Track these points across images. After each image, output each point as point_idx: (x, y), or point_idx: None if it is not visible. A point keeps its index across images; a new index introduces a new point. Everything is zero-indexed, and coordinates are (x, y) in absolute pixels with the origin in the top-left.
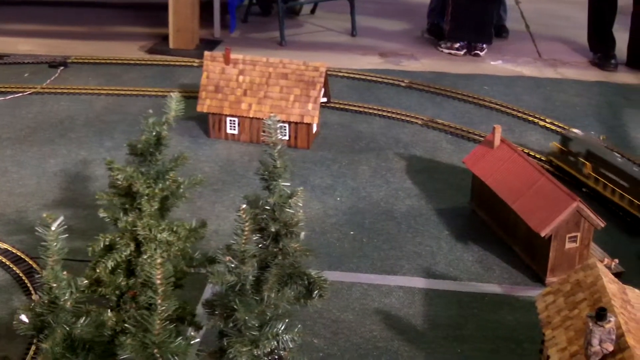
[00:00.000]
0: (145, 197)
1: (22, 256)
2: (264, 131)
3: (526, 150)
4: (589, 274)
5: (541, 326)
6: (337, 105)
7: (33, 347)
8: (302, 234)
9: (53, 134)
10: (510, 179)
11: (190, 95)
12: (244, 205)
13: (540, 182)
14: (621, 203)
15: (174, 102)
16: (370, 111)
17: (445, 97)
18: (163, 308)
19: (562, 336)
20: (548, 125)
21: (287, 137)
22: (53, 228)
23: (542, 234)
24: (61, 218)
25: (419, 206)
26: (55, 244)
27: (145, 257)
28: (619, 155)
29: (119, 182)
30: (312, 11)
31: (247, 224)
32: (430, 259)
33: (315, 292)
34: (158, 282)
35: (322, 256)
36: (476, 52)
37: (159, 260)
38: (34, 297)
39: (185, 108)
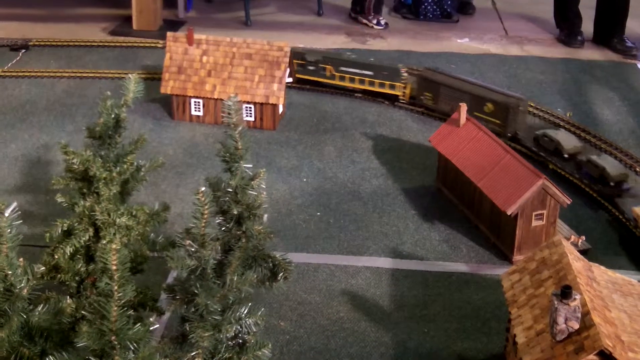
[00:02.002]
0: (103, 181)
1: None
2: (223, 111)
3: None
4: (554, 252)
5: (507, 305)
6: (302, 85)
7: None
8: (265, 217)
9: (14, 118)
10: (475, 158)
11: (154, 77)
12: (203, 188)
13: (505, 160)
14: (368, 87)
15: (132, 84)
16: (336, 91)
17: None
18: (120, 294)
19: (527, 315)
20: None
21: (252, 118)
22: (6, 214)
23: (508, 212)
24: (15, 204)
25: (385, 186)
26: (8, 230)
27: (104, 242)
28: (350, 53)
29: (75, 167)
30: None
31: (206, 206)
32: (396, 239)
33: (280, 274)
34: (114, 267)
35: (288, 238)
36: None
37: (113, 246)
38: None
39: (148, 90)
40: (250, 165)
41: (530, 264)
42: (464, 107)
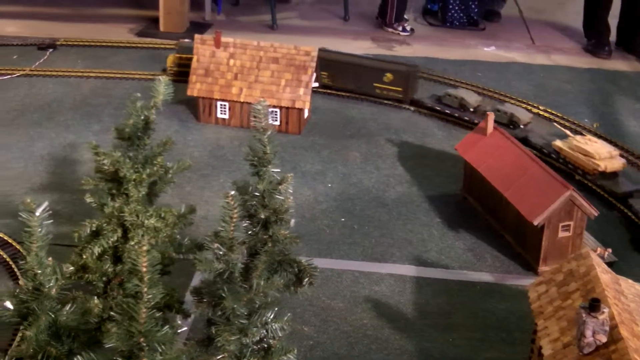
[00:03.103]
0: (133, 183)
1: (9, 240)
2: (253, 116)
3: None
4: (581, 264)
5: (533, 316)
6: (328, 91)
7: (20, 334)
8: (293, 221)
9: (40, 117)
10: (502, 167)
11: (180, 79)
12: (232, 192)
13: (533, 170)
14: None
15: (162, 86)
16: (361, 97)
17: (436, 82)
18: (149, 296)
19: (554, 326)
20: (541, 112)
21: (277, 123)
22: (37, 213)
23: (535, 223)
24: (46, 203)
25: (409, 193)
26: (39, 229)
27: (132, 243)
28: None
29: (105, 167)
30: None
31: (235, 210)
32: (421, 246)
33: (305, 279)
34: (144, 269)
35: (312, 243)
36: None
37: (144, 248)
38: (21, 282)
39: (174, 92)
40: (279, 170)
41: (557, 276)
42: (491, 117)
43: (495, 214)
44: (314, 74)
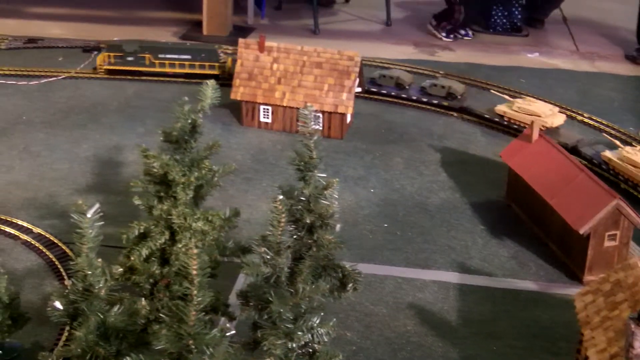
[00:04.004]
0: (181, 186)
1: (55, 241)
2: (299, 121)
3: None
4: (629, 274)
5: (579, 326)
6: (370, 95)
7: (65, 333)
8: (338, 226)
9: (85, 118)
10: (547, 174)
11: (223, 83)
12: (281, 197)
13: (579, 179)
14: (188, 71)
15: (210, 90)
16: (403, 102)
17: (479, 88)
18: (199, 299)
19: (601, 337)
20: (586, 120)
21: (320, 127)
22: (89, 215)
23: (581, 232)
24: (97, 205)
25: (453, 199)
26: (90, 231)
27: (179, 246)
28: (164, 41)
29: (155, 170)
30: (347, 0)
31: (282, 215)
32: (464, 253)
33: (349, 285)
34: (194, 272)
35: (355, 248)
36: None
37: (195, 251)
38: (66, 282)
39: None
40: (324, 175)
41: (604, 286)
42: (537, 124)
43: (539, 221)
44: (357, 79)
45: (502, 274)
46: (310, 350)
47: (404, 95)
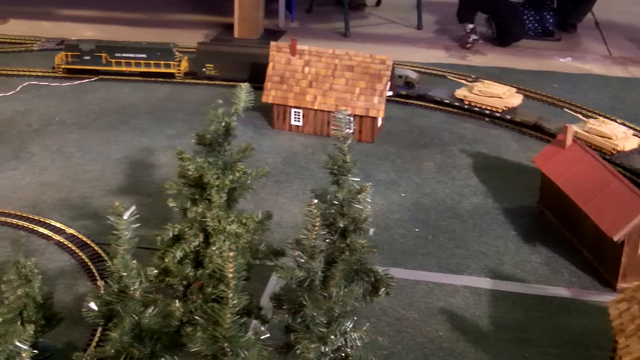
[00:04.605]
0: (215, 188)
1: (87, 242)
2: (334, 124)
3: None
4: None
5: (613, 333)
6: (400, 99)
7: (98, 334)
8: (372, 231)
9: (116, 120)
10: (581, 180)
11: (254, 86)
12: (315, 201)
13: (614, 185)
14: (144, 69)
15: (244, 93)
16: (434, 106)
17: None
18: (234, 302)
19: (636, 345)
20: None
21: (351, 131)
22: (125, 217)
23: (615, 238)
24: (133, 207)
25: (485, 204)
26: (126, 233)
27: (213, 248)
28: (121, 40)
29: (190, 173)
30: (378, 3)
31: (317, 219)
32: (496, 259)
33: (382, 289)
34: (230, 275)
35: (386, 252)
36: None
37: (231, 254)
38: (99, 283)
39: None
40: (358, 179)
41: (639, 293)
42: (570, 130)
43: (572, 228)
44: (389, 83)
45: (534, 280)
46: (343, 354)
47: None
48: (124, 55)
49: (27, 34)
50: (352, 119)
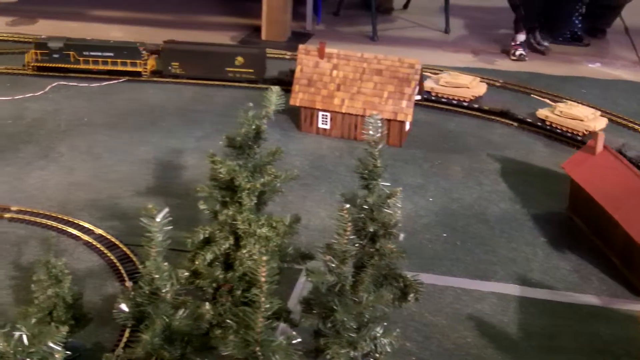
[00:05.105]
0: (246, 192)
1: (116, 242)
2: (364, 128)
3: None
4: None
5: None
6: (427, 103)
7: (126, 334)
8: (402, 236)
9: (144, 121)
10: (612, 187)
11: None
12: (347, 205)
13: None
14: (111, 68)
15: (275, 96)
16: (461, 110)
17: (540, 98)
18: (267, 306)
19: None
20: None
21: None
22: (158, 219)
23: None
24: (166, 210)
25: (513, 210)
26: (159, 235)
27: (244, 251)
28: (91, 39)
29: (222, 176)
30: (405, 6)
31: (349, 223)
32: (525, 265)
33: (411, 295)
34: (263, 279)
35: (414, 257)
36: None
37: (264, 258)
38: (127, 284)
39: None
40: (388, 184)
41: None
42: (601, 136)
43: (602, 235)
44: (417, 87)
45: (563, 288)
46: (372, 359)
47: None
48: (92, 53)
49: (53, 35)
50: (382, 123)
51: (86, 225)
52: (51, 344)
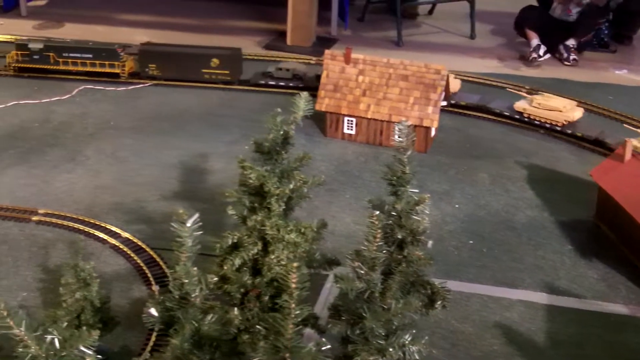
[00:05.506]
0: (275, 197)
1: (143, 246)
2: (394, 134)
3: None
4: None
5: None
6: (453, 109)
7: (152, 338)
8: (430, 243)
9: (170, 125)
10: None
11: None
12: (377, 212)
13: None
14: (90, 69)
15: (303, 101)
16: (488, 116)
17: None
18: (297, 312)
19: None
20: None
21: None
22: (188, 224)
23: None
24: (196, 215)
25: (540, 218)
26: (189, 240)
27: (272, 257)
28: (69, 39)
29: (251, 181)
30: (430, 12)
31: (379, 230)
32: (552, 273)
33: (438, 302)
34: (293, 285)
35: (440, 264)
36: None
37: (295, 264)
38: (154, 288)
39: None
40: (417, 190)
41: None
42: (629, 144)
43: (630, 243)
44: (443, 93)
45: (591, 296)
46: None
47: (301, 86)
48: (71, 55)
49: (81, 38)
50: (412, 129)
51: (113, 228)
52: (83, 348)
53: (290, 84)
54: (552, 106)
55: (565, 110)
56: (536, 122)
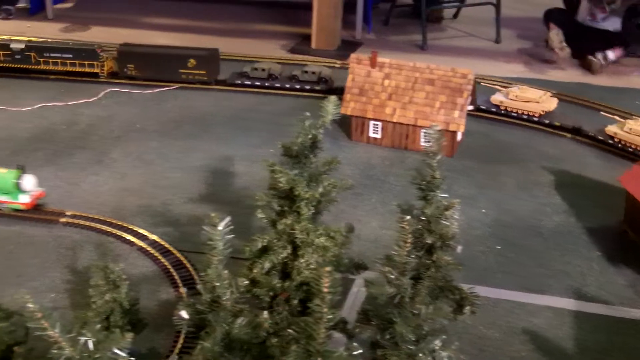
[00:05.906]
0: (305, 201)
1: (170, 248)
2: (424, 139)
3: None
4: None
5: None
6: (481, 114)
7: (180, 340)
8: (460, 248)
9: (196, 128)
10: None
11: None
12: (408, 217)
13: None
14: (70, 69)
15: (331, 106)
16: (514, 121)
17: (593, 110)
18: (329, 317)
19: None
20: None
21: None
22: (220, 228)
23: None
24: (228, 218)
25: (567, 223)
26: (220, 243)
27: (302, 261)
28: (51, 39)
29: (281, 185)
30: (455, 16)
31: (409, 235)
32: (580, 280)
33: (467, 307)
34: (325, 290)
35: (467, 270)
36: None
37: (327, 269)
38: (181, 290)
39: None
40: (447, 195)
41: None
42: None
43: None
44: (470, 97)
45: (619, 303)
46: None
47: (277, 85)
48: (52, 55)
49: (107, 41)
50: (442, 134)
51: (140, 231)
52: (116, 350)
53: (316, 87)
54: (528, 97)
55: (541, 101)
56: (513, 114)
